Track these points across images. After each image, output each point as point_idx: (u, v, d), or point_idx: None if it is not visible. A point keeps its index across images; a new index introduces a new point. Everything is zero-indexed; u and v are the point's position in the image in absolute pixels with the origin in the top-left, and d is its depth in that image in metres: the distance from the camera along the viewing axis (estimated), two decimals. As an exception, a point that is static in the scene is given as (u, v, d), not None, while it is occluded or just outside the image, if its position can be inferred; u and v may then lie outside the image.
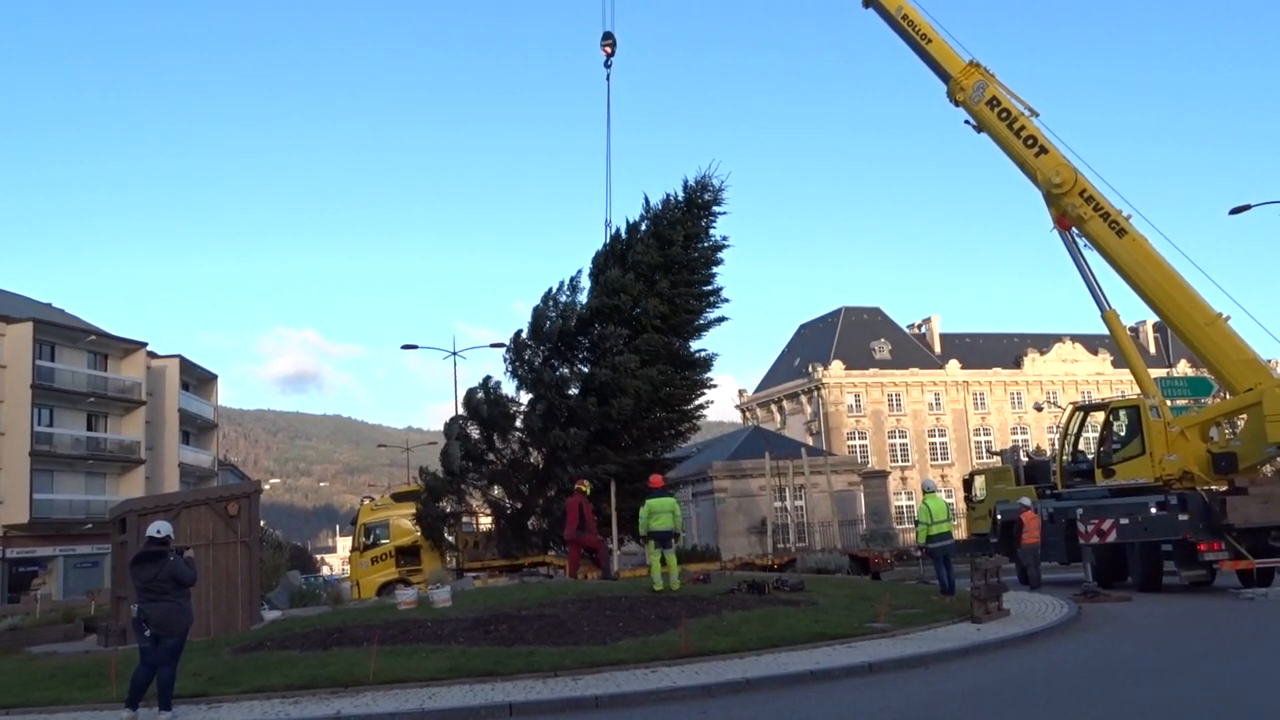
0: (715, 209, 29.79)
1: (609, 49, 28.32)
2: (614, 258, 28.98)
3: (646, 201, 30.05)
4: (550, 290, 29.45)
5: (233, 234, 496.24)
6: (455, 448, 28.53)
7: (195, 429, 66.84)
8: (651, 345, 27.64)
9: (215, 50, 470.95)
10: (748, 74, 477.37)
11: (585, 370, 28.68)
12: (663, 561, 18.51)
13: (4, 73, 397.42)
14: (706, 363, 30.16)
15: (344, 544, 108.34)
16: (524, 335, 29.31)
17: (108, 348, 56.50)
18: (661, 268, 28.37)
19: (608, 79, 28.64)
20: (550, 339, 28.66)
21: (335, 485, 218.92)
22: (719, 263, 30.13)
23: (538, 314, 29.26)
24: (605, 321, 27.92)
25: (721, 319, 30.18)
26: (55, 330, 53.44)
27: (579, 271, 29.68)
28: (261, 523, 24.90)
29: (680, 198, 29.55)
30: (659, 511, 18.43)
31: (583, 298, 29.39)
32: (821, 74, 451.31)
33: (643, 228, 29.50)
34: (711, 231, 29.93)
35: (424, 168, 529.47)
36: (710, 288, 29.88)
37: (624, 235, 29.53)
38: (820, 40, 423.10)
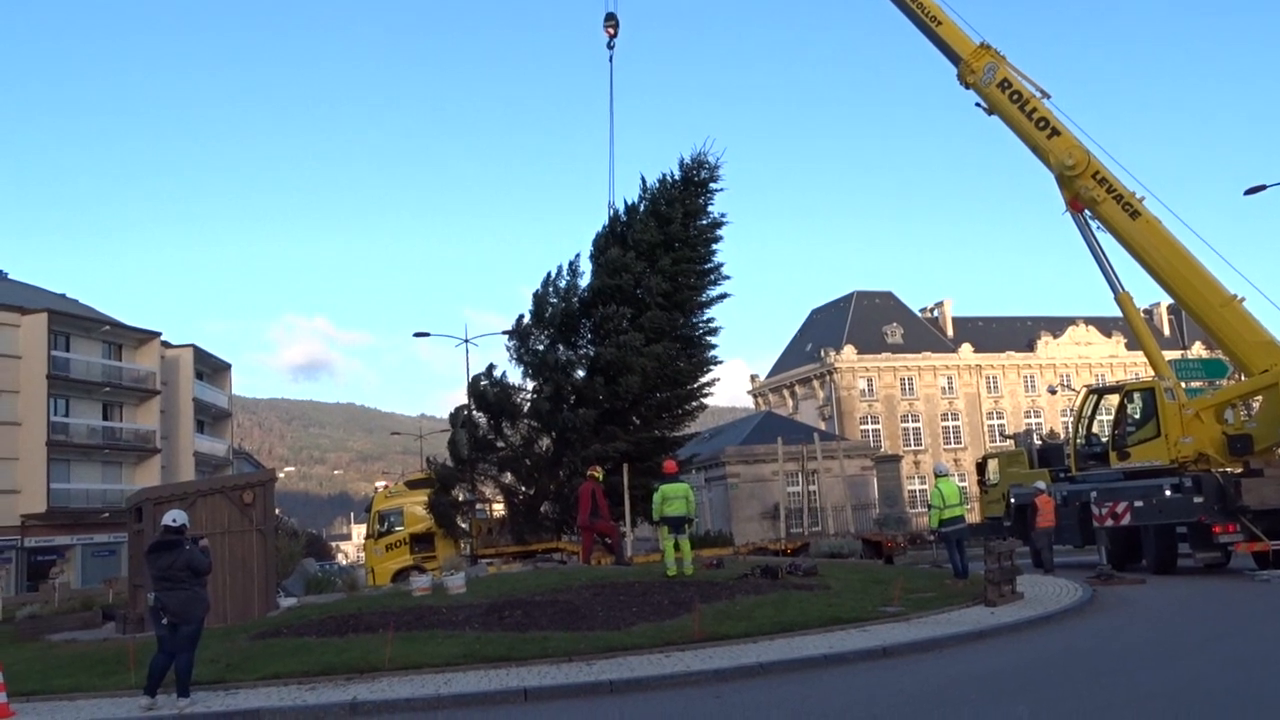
0: (712, 186, 29.93)
1: (612, 30, 28.26)
2: (614, 238, 29.06)
3: (643, 181, 30.26)
4: (550, 275, 29.51)
5: (239, 221, 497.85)
6: (461, 435, 28.64)
7: (210, 418, 67.16)
8: (655, 323, 27.69)
9: (218, 41, 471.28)
10: (756, 60, 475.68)
11: (590, 351, 28.74)
12: (676, 546, 18.57)
13: (13, 64, 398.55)
14: (711, 338, 30.25)
15: (359, 531, 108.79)
16: (526, 321, 29.33)
17: (122, 338, 56.77)
18: (661, 246, 28.46)
19: (610, 60, 28.64)
20: (553, 322, 28.71)
21: (349, 473, 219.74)
22: (719, 239, 30.33)
23: (539, 299, 29.32)
24: (608, 302, 27.98)
25: (724, 295, 30.35)
26: (70, 321, 53.71)
27: (577, 255, 29.83)
28: (276, 511, 25.02)
29: (677, 176, 29.62)
30: (672, 497, 18.49)
31: (584, 281, 29.46)
32: (831, 59, 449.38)
33: (642, 208, 29.56)
34: (710, 208, 30.05)
35: (430, 154, 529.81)
36: (711, 264, 29.95)
37: (623, 216, 29.60)
38: (828, 25, 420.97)
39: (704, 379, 30.39)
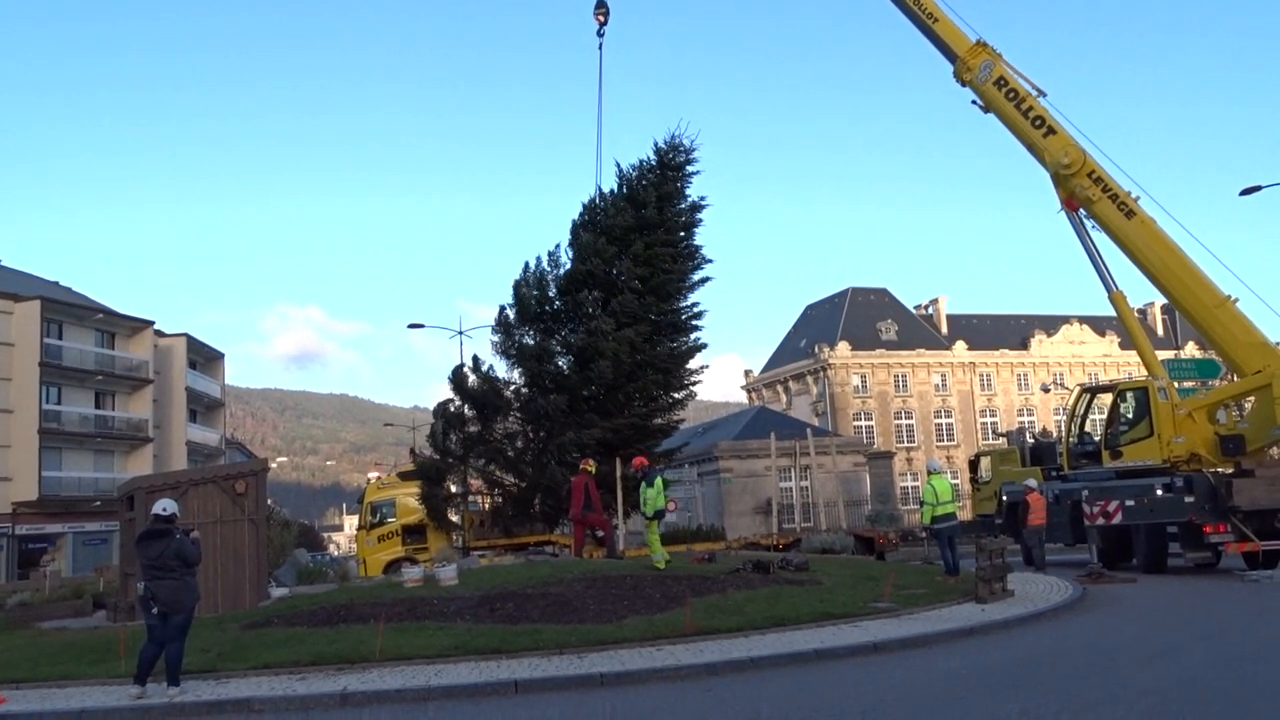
0: (688, 169, 29.71)
1: (602, 18, 28.02)
2: (591, 225, 28.95)
3: (619, 167, 30.08)
4: (528, 265, 29.36)
5: (233, 210, 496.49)
6: (439, 426, 28.61)
7: (202, 407, 67.02)
8: (627, 306, 27.48)
9: (213, 29, 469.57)
10: (749, 56, 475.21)
11: (570, 339, 28.61)
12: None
13: (9, 50, 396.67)
14: (695, 323, 30.04)
15: (351, 522, 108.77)
16: (508, 311, 29.16)
17: (115, 326, 56.60)
18: (635, 230, 28.28)
19: (600, 48, 28.42)
20: (530, 311, 28.62)
21: (342, 464, 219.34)
22: (697, 223, 30.06)
23: (518, 288, 29.16)
24: (581, 287, 27.89)
25: (705, 279, 30.10)
26: (63, 308, 53.54)
27: (558, 245, 29.67)
28: (269, 501, 25.01)
29: (653, 161, 29.50)
30: (663, 490, 18.67)
31: (564, 269, 29.36)
32: (825, 57, 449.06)
33: (623, 192, 29.42)
34: (687, 192, 29.85)
35: (424, 144, 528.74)
36: (688, 247, 29.71)
37: (599, 202, 29.45)
38: (822, 22, 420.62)
39: (690, 365, 30.16)
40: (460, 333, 41.90)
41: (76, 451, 52.99)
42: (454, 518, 30.03)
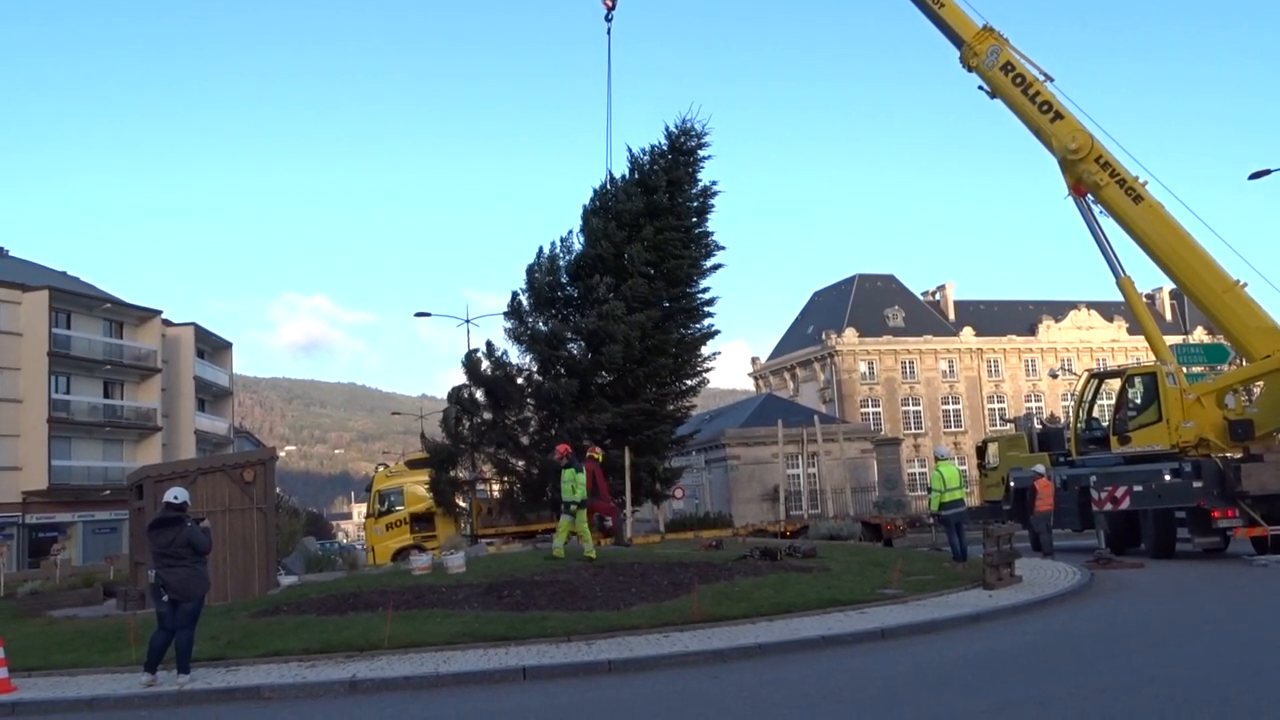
0: (700, 153, 29.59)
1: (610, 1, 27.87)
2: (602, 210, 28.92)
3: (630, 152, 29.98)
4: (541, 249, 29.36)
5: (239, 199, 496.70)
6: (452, 412, 28.67)
7: (211, 396, 67.18)
8: (637, 291, 27.45)
9: (215, 20, 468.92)
10: (757, 42, 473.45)
11: (581, 324, 28.63)
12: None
13: (14, 42, 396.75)
14: (707, 309, 29.97)
15: (359, 510, 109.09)
16: (521, 297, 29.16)
17: (123, 316, 56.73)
18: (645, 214, 28.22)
19: (608, 32, 28.22)
20: (541, 296, 28.63)
21: (350, 452, 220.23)
22: (709, 208, 29.96)
23: (531, 272, 29.16)
24: (592, 272, 27.89)
25: (717, 265, 30.04)
26: (71, 298, 53.65)
27: (570, 231, 29.66)
28: (277, 489, 25.06)
29: (664, 146, 29.39)
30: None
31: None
32: (832, 43, 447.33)
33: (635, 177, 29.35)
34: (698, 176, 29.74)
35: (430, 132, 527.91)
36: (700, 231, 29.63)
37: (610, 187, 29.39)
38: (832, 7, 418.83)
39: (703, 351, 30.12)
40: (467, 321, 41.98)
41: (85, 441, 53.18)
42: (461, 504, 30.11)
